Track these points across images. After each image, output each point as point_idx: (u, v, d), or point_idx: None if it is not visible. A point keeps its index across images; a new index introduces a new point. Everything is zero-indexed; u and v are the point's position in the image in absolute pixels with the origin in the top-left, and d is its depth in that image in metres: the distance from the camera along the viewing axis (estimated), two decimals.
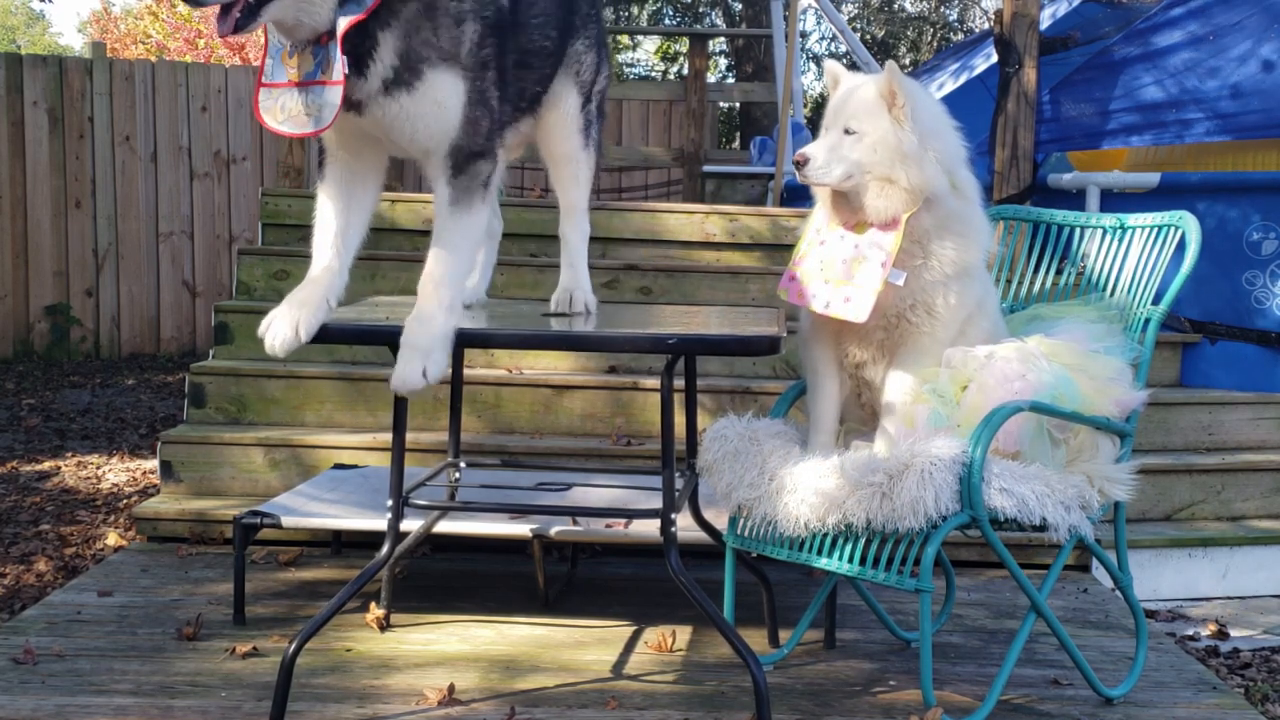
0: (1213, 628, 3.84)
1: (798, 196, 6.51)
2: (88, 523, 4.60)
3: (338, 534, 3.98)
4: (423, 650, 3.16)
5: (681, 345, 2.68)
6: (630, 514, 3.24)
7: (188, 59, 14.13)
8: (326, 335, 2.65)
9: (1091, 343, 2.92)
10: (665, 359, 2.79)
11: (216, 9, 2.38)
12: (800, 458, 2.83)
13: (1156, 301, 3.01)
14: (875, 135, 2.71)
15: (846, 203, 2.80)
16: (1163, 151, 5.64)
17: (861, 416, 2.99)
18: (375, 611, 3.36)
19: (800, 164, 2.75)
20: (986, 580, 3.90)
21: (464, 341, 2.70)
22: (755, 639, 3.26)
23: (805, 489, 2.73)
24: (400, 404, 2.75)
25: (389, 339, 2.61)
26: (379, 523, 3.45)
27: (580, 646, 3.23)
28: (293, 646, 2.66)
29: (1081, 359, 2.86)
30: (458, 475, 3.36)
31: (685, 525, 3.44)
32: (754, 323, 2.94)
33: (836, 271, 2.77)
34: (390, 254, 4.96)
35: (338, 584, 3.70)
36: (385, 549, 2.79)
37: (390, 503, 2.79)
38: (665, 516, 2.71)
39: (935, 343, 2.83)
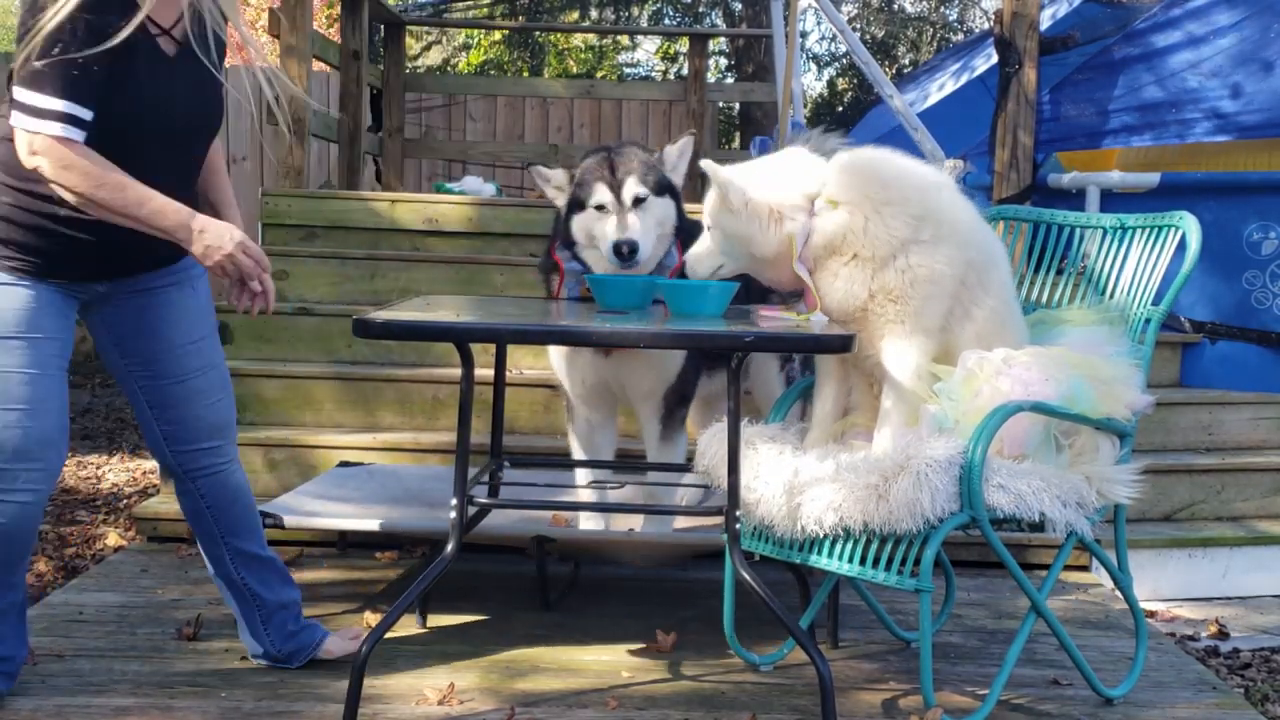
0: (1213, 628, 3.84)
1: None
2: (88, 523, 4.60)
3: (343, 534, 3.97)
4: (423, 650, 3.15)
5: (758, 343, 2.72)
6: (697, 511, 3.28)
7: None
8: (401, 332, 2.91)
9: (1106, 347, 2.92)
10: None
11: None
12: (794, 459, 2.83)
13: (1156, 302, 3.00)
14: (722, 230, 2.85)
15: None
16: (1164, 151, 5.62)
17: (876, 408, 2.97)
18: (375, 613, 3.36)
19: (683, 266, 2.96)
20: (986, 580, 3.90)
21: (541, 339, 3.01)
22: (755, 640, 3.26)
23: (801, 492, 2.73)
24: (465, 403, 2.83)
25: (460, 336, 2.82)
26: (386, 522, 3.45)
27: (580, 646, 3.23)
28: (364, 648, 2.64)
29: (1099, 368, 2.85)
30: (501, 475, 3.38)
31: (686, 527, 3.46)
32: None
33: None
34: (390, 254, 4.95)
35: (339, 584, 3.70)
36: (450, 547, 2.75)
37: (455, 501, 2.77)
38: (730, 514, 2.74)
39: (916, 329, 2.79)
